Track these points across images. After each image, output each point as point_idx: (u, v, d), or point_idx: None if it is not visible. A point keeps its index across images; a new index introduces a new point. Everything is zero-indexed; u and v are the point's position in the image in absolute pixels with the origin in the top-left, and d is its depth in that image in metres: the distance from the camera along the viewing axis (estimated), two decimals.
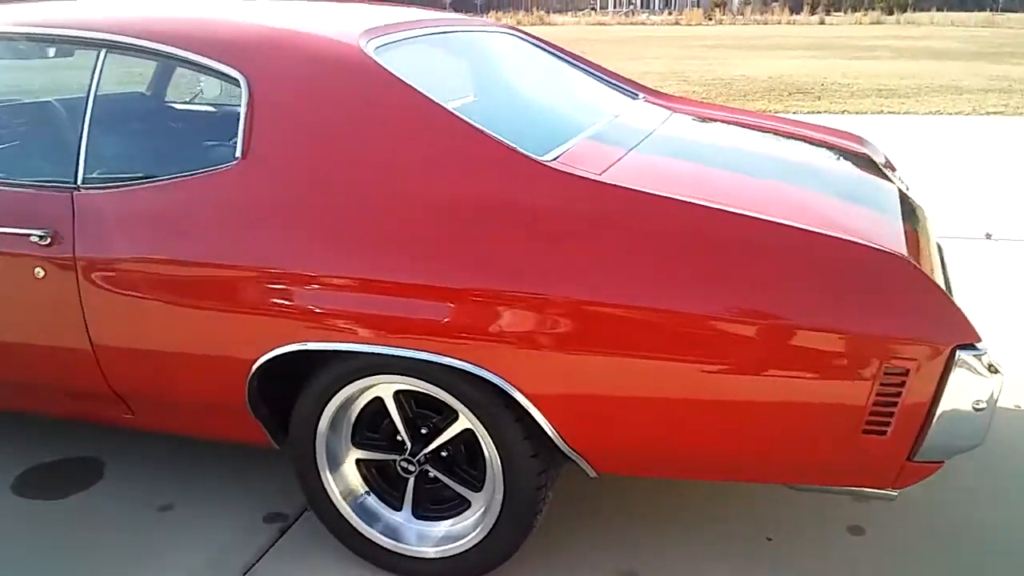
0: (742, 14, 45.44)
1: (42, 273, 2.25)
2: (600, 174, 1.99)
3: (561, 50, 3.27)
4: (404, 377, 2.06)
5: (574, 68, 3.18)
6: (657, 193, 1.90)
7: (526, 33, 3.31)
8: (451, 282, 1.91)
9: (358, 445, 2.25)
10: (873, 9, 48.38)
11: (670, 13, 55.46)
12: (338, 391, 2.14)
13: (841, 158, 2.79)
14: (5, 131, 2.95)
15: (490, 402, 1.99)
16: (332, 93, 2.11)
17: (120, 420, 2.49)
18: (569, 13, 52.16)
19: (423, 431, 2.18)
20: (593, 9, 58.19)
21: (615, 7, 64.86)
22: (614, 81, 3.22)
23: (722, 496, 2.60)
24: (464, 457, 2.19)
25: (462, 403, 2.02)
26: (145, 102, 3.30)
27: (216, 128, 2.80)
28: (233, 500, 2.61)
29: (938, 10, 47.00)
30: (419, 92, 2.07)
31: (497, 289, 1.88)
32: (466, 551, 2.18)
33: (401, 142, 2.04)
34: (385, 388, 2.13)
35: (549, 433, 1.95)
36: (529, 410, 1.93)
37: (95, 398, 2.41)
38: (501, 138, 1.99)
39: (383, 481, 2.30)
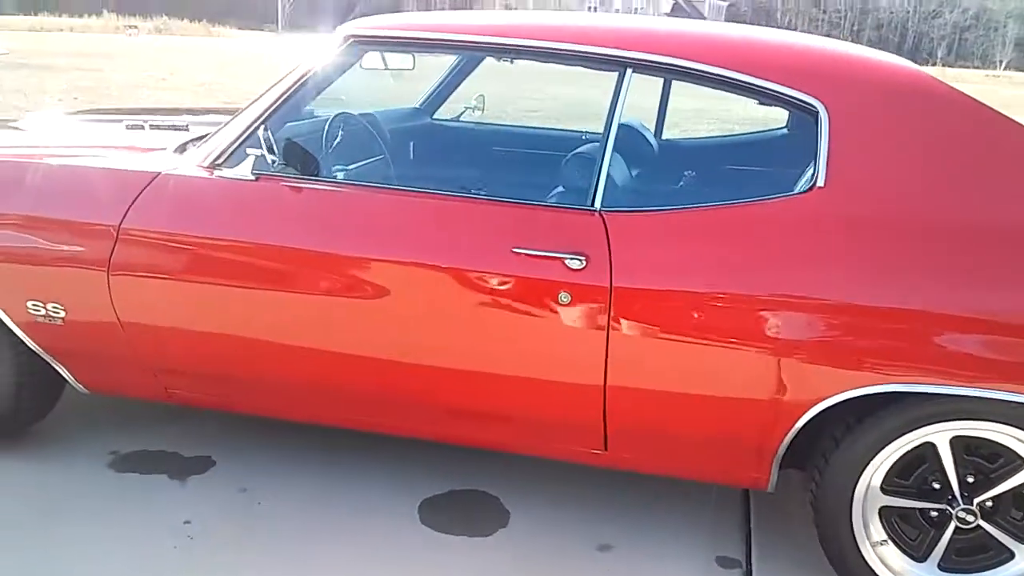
0: None
1: (568, 299, 2.13)
2: None
3: None
4: (986, 423, 2.00)
5: None
6: None
7: None
8: None
9: (886, 492, 2.17)
10: None
11: None
12: (899, 436, 2.07)
13: None
14: (520, 151, 2.84)
15: None
16: (920, 120, 2.07)
17: (581, 456, 2.38)
18: None
19: (969, 479, 2.12)
20: None
21: None
22: None
23: None
24: (1011, 505, 2.13)
25: None
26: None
27: (768, 155, 2.70)
28: (675, 542, 2.51)
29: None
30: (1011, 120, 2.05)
31: None
32: None
33: (1006, 175, 2.01)
34: (943, 434, 2.07)
35: None
36: None
37: (571, 430, 2.31)
38: None
39: (901, 531, 2.22)
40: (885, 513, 2.20)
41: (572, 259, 2.12)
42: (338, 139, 2.69)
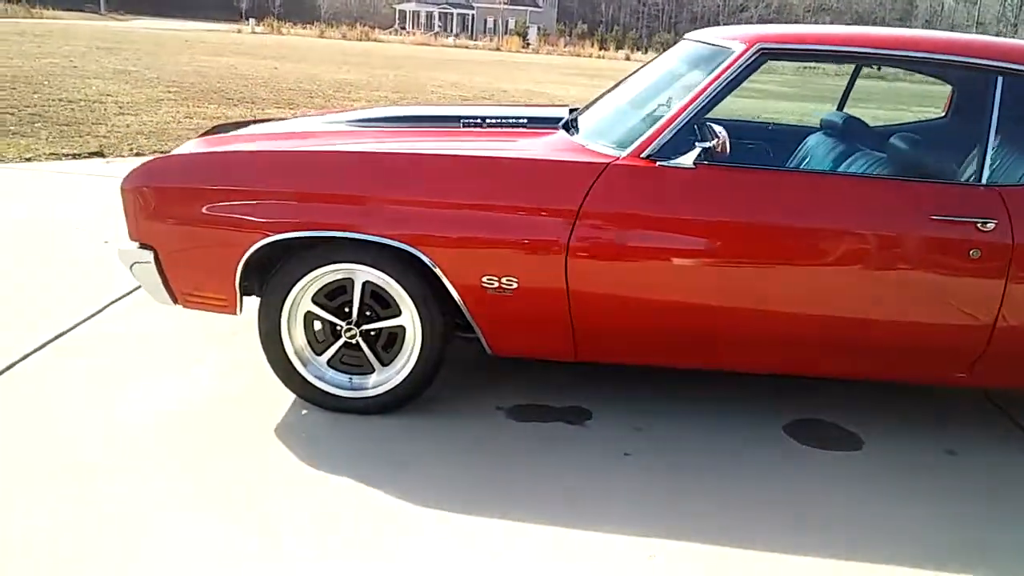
0: (555, 45, 47.75)
1: (977, 255, 2.76)
2: None
3: None
4: None
5: None
6: None
7: None
8: None
9: None
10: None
11: (471, 37, 57.10)
12: None
13: None
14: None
15: None
16: None
17: (944, 379, 3.03)
18: (388, 31, 52.41)
19: None
20: (403, 28, 58.78)
21: (413, 26, 65.73)
22: None
23: None
24: None
25: None
26: None
27: None
28: (1003, 445, 3.18)
29: None
30: None
31: None
32: None
33: None
34: None
35: None
36: None
37: (947, 359, 2.93)
38: None
39: None
40: None
41: (986, 222, 2.75)
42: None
